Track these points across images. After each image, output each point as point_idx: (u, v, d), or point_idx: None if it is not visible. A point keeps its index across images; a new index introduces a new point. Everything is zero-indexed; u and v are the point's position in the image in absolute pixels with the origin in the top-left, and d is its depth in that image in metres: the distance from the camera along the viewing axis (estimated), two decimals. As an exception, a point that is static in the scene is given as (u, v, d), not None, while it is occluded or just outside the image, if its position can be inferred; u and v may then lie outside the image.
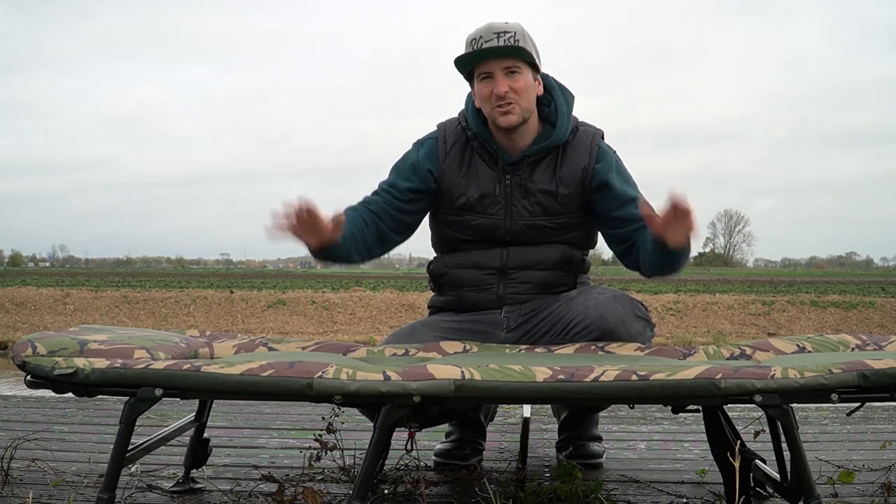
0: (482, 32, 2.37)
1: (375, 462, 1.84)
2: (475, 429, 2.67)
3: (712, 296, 23.37)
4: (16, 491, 2.24)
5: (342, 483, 2.39)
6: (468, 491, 2.31)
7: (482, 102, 2.42)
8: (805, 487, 1.80)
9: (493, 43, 2.35)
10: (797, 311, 20.66)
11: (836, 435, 3.15)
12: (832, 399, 1.79)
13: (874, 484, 2.36)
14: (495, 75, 2.38)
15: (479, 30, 2.38)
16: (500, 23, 2.38)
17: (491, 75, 2.38)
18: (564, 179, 2.45)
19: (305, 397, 1.83)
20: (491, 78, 2.39)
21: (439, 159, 2.49)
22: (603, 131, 2.54)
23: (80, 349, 1.94)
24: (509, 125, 2.40)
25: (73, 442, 2.96)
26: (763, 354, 2.26)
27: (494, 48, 2.35)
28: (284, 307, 20.72)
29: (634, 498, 2.26)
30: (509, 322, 2.48)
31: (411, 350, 2.34)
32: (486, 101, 2.41)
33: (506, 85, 2.37)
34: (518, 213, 2.45)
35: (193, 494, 2.27)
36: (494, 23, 2.38)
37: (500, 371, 1.81)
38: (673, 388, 1.78)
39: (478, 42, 2.36)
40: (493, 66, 2.38)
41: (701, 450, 2.84)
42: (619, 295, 2.37)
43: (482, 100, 2.42)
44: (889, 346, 2.19)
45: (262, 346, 2.35)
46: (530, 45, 2.40)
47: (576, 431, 2.68)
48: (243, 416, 3.49)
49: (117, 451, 1.89)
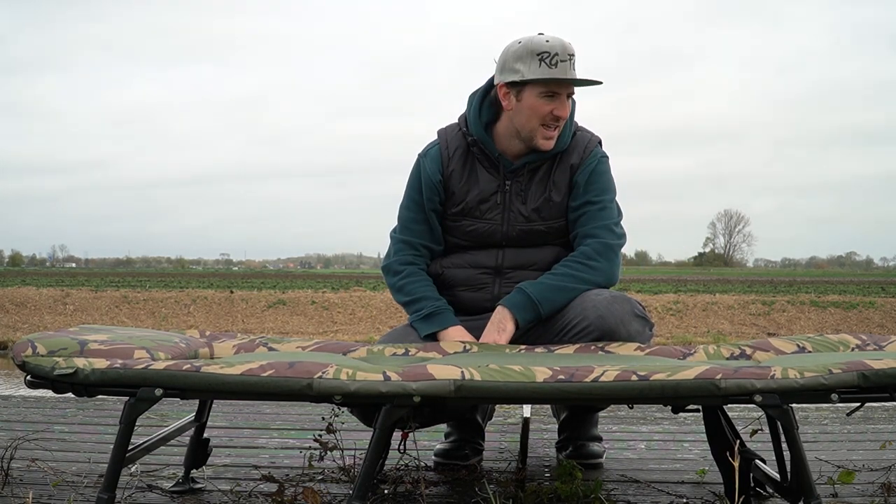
0: (557, 49, 2.34)
1: (375, 462, 1.84)
2: (474, 429, 2.67)
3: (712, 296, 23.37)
4: (16, 491, 2.24)
5: (342, 483, 2.39)
6: (468, 491, 2.31)
7: (532, 116, 2.39)
8: (805, 487, 1.80)
9: (568, 65, 2.34)
10: (797, 311, 20.65)
11: (836, 435, 3.15)
12: (832, 399, 1.79)
13: (874, 484, 2.36)
14: (561, 98, 2.38)
15: (553, 45, 2.34)
16: (567, 42, 2.36)
17: (558, 96, 2.38)
18: (558, 184, 2.46)
19: (305, 397, 1.83)
20: (555, 98, 2.38)
21: (443, 166, 2.50)
22: (600, 138, 2.54)
23: (80, 349, 1.94)
24: (548, 149, 2.43)
25: (73, 442, 2.96)
26: (763, 354, 2.25)
27: (580, 80, 2.36)
28: (284, 307, 20.71)
29: (634, 498, 2.26)
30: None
31: (411, 350, 2.34)
32: (537, 117, 2.39)
33: (567, 109, 2.39)
34: (515, 219, 2.47)
35: (193, 494, 2.27)
36: (564, 41, 2.36)
37: (500, 371, 1.81)
38: (673, 388, 1.78)
39: (552, 58, 2.33)
40: (563, 88, 2.38)
41: (701, 450, 2.84)
42: (617, 295, 2.38)
43: (535, 115, 2.39)
44: (889, 346, 2.19)
45: (262, 346, 2.35)
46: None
47: (576, 431, 2.68)
48: (243, 416, 3.49)
49: (117, 451, 1.89)
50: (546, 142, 2.41)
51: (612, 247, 2.44)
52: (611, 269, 2.44)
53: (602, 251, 2.42)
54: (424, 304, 2.47)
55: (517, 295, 2.39)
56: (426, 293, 2.49)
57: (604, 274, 2.42)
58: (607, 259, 2.43)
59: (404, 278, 2.53)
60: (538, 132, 2.40)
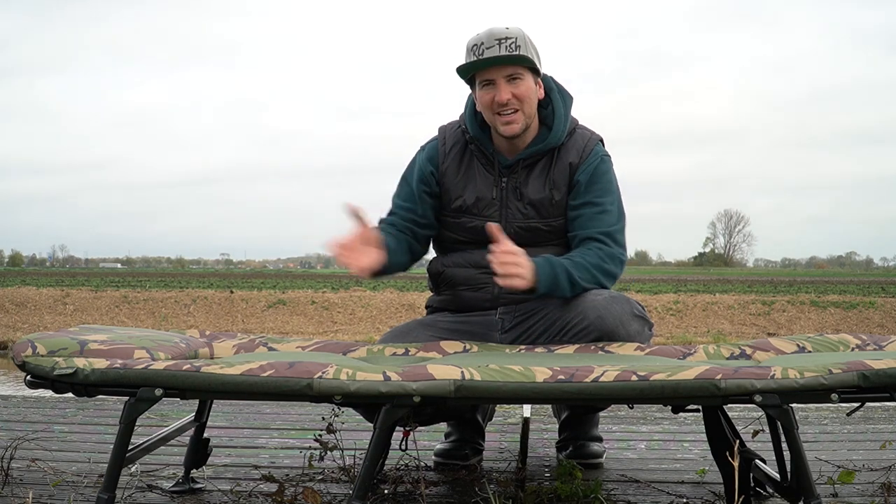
0: (483, 39, 2.35)
1: (375, 462, 1.84)
2: (474, 429, 2.67)
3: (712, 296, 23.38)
4: (16, 491, 2.24)
5: (342, 483, 2.39)
6: (468, 491, 2.31)
7: (484, 109, 2.42)
8: (805, 487, 1.80)
9: (495, 49, 2.33)
10: (797, 311, 20.66)
11: (836, 435, 3.15)
12: (832, 399, 1.79)
13: (874, 484, 2.36)
14: (497, 82, 2.37)
15: (480, 36, 2.36)
16: (500, 28, 2.36)
17: (493, 82, 2.38)
18: (557, 182, 2.46)
19: (305, 397, 1.83)
20: (492, 85, 2.38)
21: (439, 162, 2.51)
22: (601, 137, 2.54)
23: (80, 349, 1.94)
24: (512, 134, 2.41)
25: (73, 442, 2.96)
26: (763, 354, 2.25)
27: (496, 57, 2.33)
28: (284, 307, 20.72)
29: (634, 498, 2.26)
30: (504, 323, 2.48)
31: (411, 350, 2.34)
32: (487, 108, 2.40)
33: (508, 92, 2.37)
34: (513, 216, 2.46)
35: (193, 494, 2.27)
36: (495, 29, 2.36)
37: (500, 371, 1.81)
38: (673, 388, 1.78)
39: (479, 49, 2.35)
40: (495, 73, 2.37)
41: (701, 450, 2.84)
42: (616, 295, 2.37)
43: (484, 106, 2.41)
44: (889, 346, 2.19)
45: (262, 346, 2.35)
46: (531, 50, 2.39)
47: (576, 431, 2.68)
48: (243, 416, 3.49)
49: (117, 451, 1.89)
50: (505, 127, 2.40)
51: (623, 262, 2.44)
52: (616, 278, 2.43)
53: (615, 258, 2.41)
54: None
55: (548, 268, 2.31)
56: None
57: (612, 280, 2.41)
58: (616, 268, 2.42)
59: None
60: (496, 120, 2.41)
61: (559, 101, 2.47)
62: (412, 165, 2.57)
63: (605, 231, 2.43)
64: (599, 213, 2.44)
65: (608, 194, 2.47)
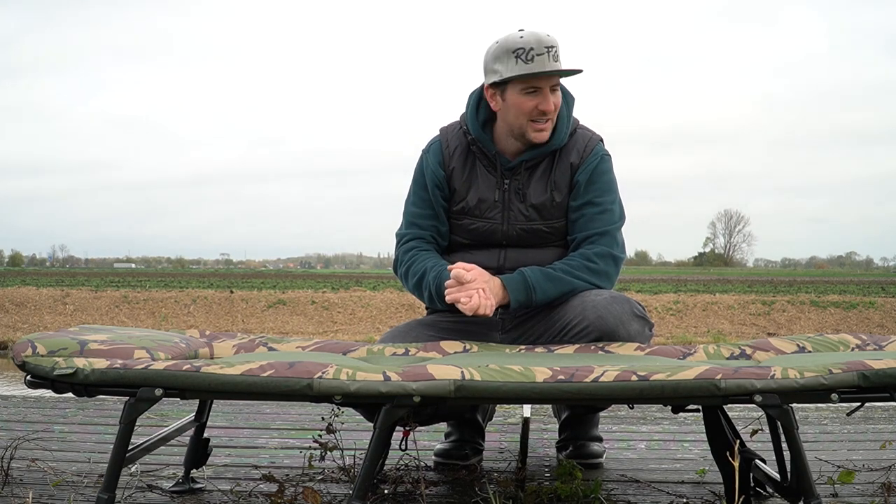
0: (532, 44, 2.33)
1: (375, 462, 1.84)
2: (474, 429, 2.67)
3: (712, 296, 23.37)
4: (16, 491, 2.24)
5: (342, 483, 2.39)
6: (468, 491, 2.31)
7: (519, 114, 2.39)
8: (805, 487, 1.80)
9: (545, 58, 2.32)
10: (797, 311, 20.66)
11: (836, 435, 3.15)
12: (832, 399, 1.79)
13: (874, 484, 2.36)
14: (544, 92, 2.37)
15: (527, 41, 2.33)
16: (543, 35, 2.34)
17: (539, 90, 2.37)
18: (558, 184, 2.46)
19: (305, 397, 1.83)
20: (538, 93, 2.37)
21: (444, 162, 2.51)
22: (602, 137, 2.54)
23: (80, 349, 1.94)
24: (542, 141, 2.41)
25: (73, 442, 2.96)
26: (763, 354, 2.25)
27: (557, 71, 2.33)
28: (284, 307, 20.72)
29: (634, 498, 2.26)
30: (504, 323, 2.48)
31: (411, 350, 2.33)
32: (524, 114, 2.39)
33: (552, 102, 2.37)
34: (515, 218, 2.46)
35: (193, 494, 2.27)
36: (539, 34, 2.34)
37: (500, 371, 1.81)
38: (673, 388, 1.78)
39: (527, 54, 2.32)
40: (545, 82, 2.36)
41: (701, 450, 2.84)
42: (616, 295, 2.37)
43: (521, 112, 2.39)
44: (889, 346, 2.19)
45: (261, 346, 2.35)
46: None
47: (576, 431, 2.68)
48: (243, 416, 3.49)
49: (117, 451, 1.89)
50: (538, 134, 2.40)
51: (617, 259, 2.44)
52: (609, 276, 2.43)
53: (604, 256, 2.42)
54: (429, 274, 2.43)
55: (516, 276, 2.38)
56: (430, 265, 2.45)
57: (604, 279, 2.42)
58: (608, 266, 2.42)
59: (410, 259, 2.50)
60: (528, 127, 2.40)
61: (563, 104, 2.48)
62: (421, 170, 2.56)
63: (603, 230, 2.43)
64: (600, 213, 2.44)
65: (608, 193, 2.48)
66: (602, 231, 2.43)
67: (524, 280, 2.36)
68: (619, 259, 2.45)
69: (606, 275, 2.42)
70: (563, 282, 2.37)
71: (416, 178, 2.57)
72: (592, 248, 2.42)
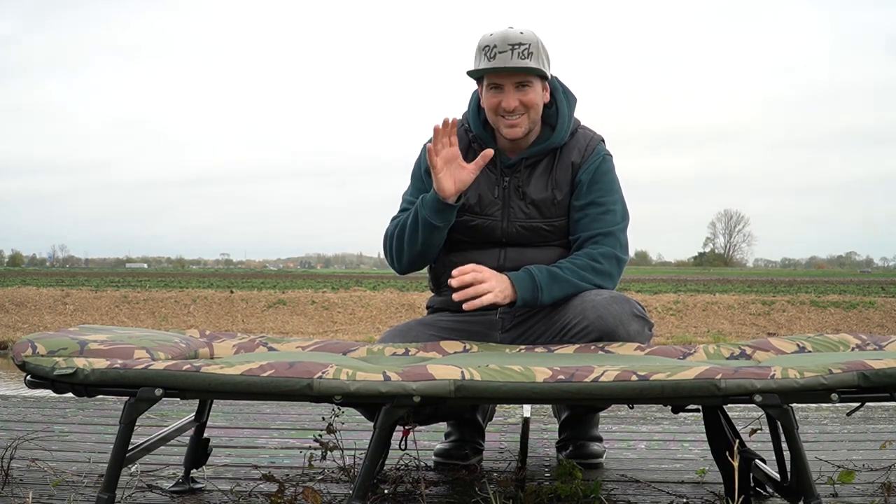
0: (497, 41, 2.33)
1: (375, 462, 1.84)
2: (474, 429, 2.67)
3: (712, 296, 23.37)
4: (16, 491, 2.24)
5: (342, 483, 2.39)
6: (468, 491, 2.31)
7: (489, 111, 2.42)
8: (805, 487, 1.80)
9: (507, 55, 2.32)
10: (797, 311, 20.65)
11: (836, 435, 3.15)
12: (832, 399, 1.79)
13: (874, 484, 2.36)
14: (506, 89, 2.37)
15: (494, 37, 2.34)
16: (514, 33, 2.33)
17: (501, 87, 2.37)
18: (559, 182, 2.46)
19: (305, 397, 1.83)
20: (500, 89, 2.37)
21: None
22: (603, 137, 2.54)
23: (80, 349, 1.94)
24: (514, 137, 2.41)
25: (73, 442, 2.96)
26: (763, 354, 2.25)
27: (508, 67, 2.32)
28: (284, 307, 20.71)
29: (634, 498, 2.26)
30: (504, 323, 2.48)
31: (411, 350, 2.33)
32: (492, 111, 2.40)
33: (515, 100, 2.36)
34: (515, 216, 2.46)
35: (193, 494, 2.27)
36: (509, 33, 2.33)
37: (500, 371, 1.81)
38: (673, 388, 1.78)
39: (490, 51, 2.33)
40: (505, 79, 2.36)
41: (701, 450, 2.84)
42: (616, 295, 2.37)
43: (489, 109, 2.41)
44: (889, 345, 2.19)
45: (262, 346, 2.35)
46: (543, 56, 2.38)
47: (576, 431, 2.68)
48: (243, 416, 3.49)
49: (117, 451, 1.89)
50: (509, 130, 2.40)
51: (620, 260, 2.44)
52: (613, 277, 2.43)
53: (609, 257, 2.41)
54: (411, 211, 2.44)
55: (524, 274, 2.35)
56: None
57: (607, 280, 2.41)
58: (611, 266, 2.42)
59: (394, 224, 2.50)
60: (499, 122, 2.41)
61: (563, 102, 2.48)
62: (420, 162, 2.57)
63: (606, 231, 2.43)
64: (603, 214, 2.44)
65: (611, 193, 2.47)
66: (606, 231, 2.43)
67: (532, 279, 2.34)
68: (622, 260, 2.45)
69: (610, 276, 2.42)
70: (569, 284, 2.36)
71: (415, 171, 2.58)
72: (597, 248, 2.41)
